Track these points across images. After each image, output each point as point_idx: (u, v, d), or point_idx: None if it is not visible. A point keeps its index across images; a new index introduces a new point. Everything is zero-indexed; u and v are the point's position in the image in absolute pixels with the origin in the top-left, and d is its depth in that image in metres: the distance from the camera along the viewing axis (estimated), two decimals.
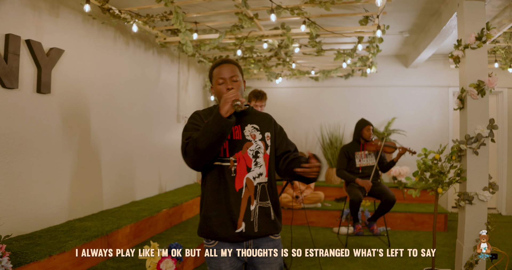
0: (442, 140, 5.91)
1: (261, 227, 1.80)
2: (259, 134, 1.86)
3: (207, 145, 1.63)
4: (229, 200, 1.76)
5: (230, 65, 1.85)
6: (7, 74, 2.75)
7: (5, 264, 2.10)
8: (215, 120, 1.62)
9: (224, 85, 1.81)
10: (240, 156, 1.80)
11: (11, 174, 2.82)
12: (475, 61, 3.15)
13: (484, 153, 3.12)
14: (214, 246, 1.82)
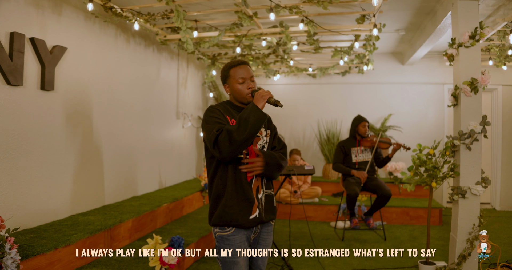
0: (437, 136, 6.01)
1: (267, 213, 2.02)
2: (264, 131, 2.07)
3: (245, 136, 1.79)
4: (243, 190, 1.92)
5: (247, 66, 2.04)
6: (12, 72, 2.81)
7: (14, 256, 2.17)
8: (254, 114, 1.80)
9: (245, 84, 1.99)
10: (251, 149, 1.97)
11: (16, 169, 2.89)
12: (468, 59, 3.23)
13: (477, 148, 3.21)
14: (230, 233, 1.93)
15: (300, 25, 3.67)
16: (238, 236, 1.94)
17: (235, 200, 1.92)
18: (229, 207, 1.92)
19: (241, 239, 1.95)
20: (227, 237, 1.94)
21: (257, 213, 1.96)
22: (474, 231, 3.14)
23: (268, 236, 2.08)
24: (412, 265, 3.54)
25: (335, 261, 3.68)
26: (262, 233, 2.05)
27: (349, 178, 4.42)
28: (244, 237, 1.96)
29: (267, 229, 2.07)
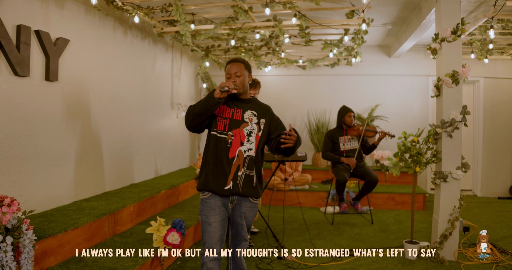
0: (422, 125, 6.26)
1: (244, 188, 2.35)
2: (256, 118, 2.41)
3: (197, 111, 2.25)
4: (223, 164, 2.32)
5: (237, 63, 2.43)
6: (20, 63, 2.92)
7: (31, 237, 2.31)
8: (207, 96, 2.25)
9: (230, 79, 2.39)
10: (237, 132, 2.35)
11: (24, 157, 3.02)
12: (450, 53, 3.46)
13: (457, 136, 3.46)
14: (207, 196, 2.37)
15: (293, 19, 3.84)
16: (213, 200, 2.35)
17: (213, 171, 2.34)
18: (208, 176, 2.35)
19: (216, 203, 2.35)
20: (205, 200, 2.37)
21: (231, 185, 2.31)
22: (454, 213, 3.40)
23: (246, 209, 2.39)
24: (398, 245, 3.79)
25: (326, 242, 3.92)
26: (241, 206, 2.38)
27: (338, 165, 4.65)
28: (219, 202, 2.35)
29: (246, 204, 2.39)
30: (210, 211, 2.34)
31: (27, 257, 2.26)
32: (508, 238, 3.98)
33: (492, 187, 6.34)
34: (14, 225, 2.27)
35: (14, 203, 2.29)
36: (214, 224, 2.34)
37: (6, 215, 2.23)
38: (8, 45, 2.81)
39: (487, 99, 6.34)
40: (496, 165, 6.34)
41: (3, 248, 2.14)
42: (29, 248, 2.28)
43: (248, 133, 2.36)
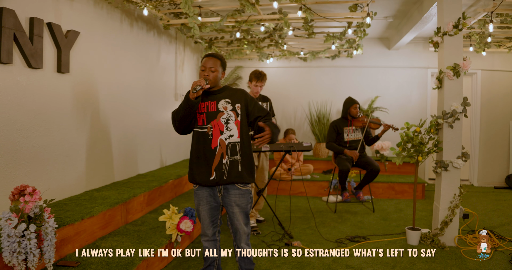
0: (420, 117, 6.39)
1: (229, 176, 2.42)
2: (230, 105, 2.46)
3: (180, 116, 2.39)
4: (206, 156, 2.43)
5: (214, 58, 2.47)
6: (33, 55, 2.97)
7: (52, 224, 2.39)
8: (184, 100, 2.36)
9: (204, 72, 2.43)
10: (215, 123, 2.44)
11: (38, 147, 3.09)
12: (452, 47, 3.56)
13: (458, 126, 3.57)
14: (197, 188, 2.53)
15: (299, 12, 3.91)
16: (201, 192, 2.51)
17: (196, 165, 2.47)
18: (192, 169, 2.50)
19: (203, 194, 2.50)
20: (195, 191, 2.55)
21: (214, 176, 2.41)
22: (455, 200, 3.53)
23: (236, 197, 2.47)
24: (400, 232, 3.93)
25: (330, 229, 4.04)
26: (229, 194, 2.47)
27: (341, 155, 4.76)
28: (206, 193, 2.49)
29: (234, 192, 2.47)
30: (199, 202, 2.53)
31: (50, 244, 2.33)
32: (505, 225, 4.13)
33: (488, 177, 6.50)
34: (36, 213, 2.34)
35: (36, 192, 2.36)
36: (204, 212, 2.55)
37: (29, 203, 2.31)
38: (22, 37, 2.86)
39: (484, 91, 6.47)
40: (492, 156, 6.50)
41: (27, 236, 2.22)
42: (51, 235, 2.35)
43: (225, 121, 2.44)
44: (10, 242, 2.18)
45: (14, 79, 2.85)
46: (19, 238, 2.20)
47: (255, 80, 4.05)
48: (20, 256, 2.20)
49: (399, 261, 3.18)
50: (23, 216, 2.28)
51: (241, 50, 6.11)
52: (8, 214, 2.25)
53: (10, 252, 2.18)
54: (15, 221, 2.22)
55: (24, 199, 2.30)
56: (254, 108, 2.49)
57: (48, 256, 2.32)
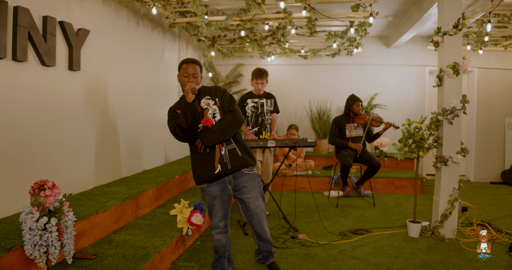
0: (418, 113, 6.56)
1: (233, 163, 2.55)
2: (211, 101, 2.62)
3: (188, 124, 2.45)
4: (205, 153, 2.56)
5: (194, 65, 2.62)
6: (47, 53, 3.04)
7: (71, 218, 2.47)
8: (185, 106, 2.43)
9: (187, 78, 2.57)
10: (205, 121, 2.58)
11: (51, 144, 3.17)
12: (451, 46, 3.67)
13: (457, 123, 3.69)
14: (205, 186, 2.63)
15: (303, 12, 4.01)
16: (211, 188, 2.61)
17: (199, 165, 2.58)
18: (196, 170, 2.61)
19: (214, 189, 2.61)
20: (204, 189, 2.65)
21: (219, 168, 2.53)
22: (454, 194, 3.66)
23: (247, 183, 2.61)
24: (400, 225, 4.06)
25: (334, 223, 4.16)
26: (239, 182, 2.60)
27: (343, 151, 4.88)
28: (217, 187, 2.60)
29: (243, 178, 2.61)
30: (212, 198, 2.63)
31: (69, 237, 2.42)
32: (501, 218, 4.27)
33: (484, 172, 6.67)
34: (56, 207, 2.43)
35: (56, 187, 2.44)
36: (217, 206, 2.65)
37: (50, 198, 2.39)
38: (36, 35, 2.93)
39: (481, 88, 6.61)
40: (488, 152, 6.66)
41: (49, 228, 2.30)
42: (71, 228, 2.44)
43: (212, 116, 2.58)
44: (32, 235, 2.26)
45: (29, 76, 2.92)
46: (40, 231, 2.28)
47: (255, 77, 4.16)
48: (41, 248, 2.27)
49: (401, 252, 3.31)
50: (44, 210, 2.36)
51: (242, 48, 6.20)
52: (28, 208, 2.32)
53: (32, 245, 2.25)
54: (36, 215, 2.29)
55: (45, 194, 2.38)
56: (225, 102, 2.64)
57: (68, 248, 2.41)
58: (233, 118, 2.55)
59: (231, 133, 2.54)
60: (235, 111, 2.59)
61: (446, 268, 2.94)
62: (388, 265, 3.03)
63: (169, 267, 3.03)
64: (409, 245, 3.48)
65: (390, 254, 3.26)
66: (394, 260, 3.12)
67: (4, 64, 2.69)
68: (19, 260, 2.26)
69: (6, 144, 2.71)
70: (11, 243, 2.22)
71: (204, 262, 3.09)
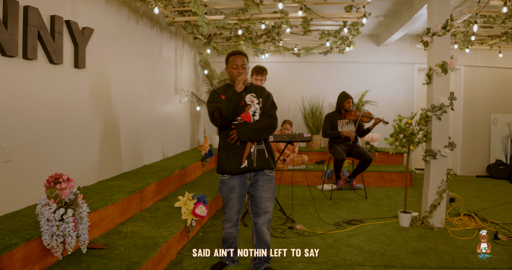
0: (408, 110, 6.80)
1: (258, 163, 2.67)
2: (256, 99, 2.73)
3: (228, 111, 2.53)
4: (236, 146, 2.65)
5: (242, 56, 2.72)
6: (55, 51, 3.14)
7: (86, 209, 2.59)
8: (233, 94, 2.53)
9: (236, 70, 2.68)
10: (244, 115, 2.67)
11: (58, 139, 3.27)
12: (440, 46, 3.88)
13: (445, 119, 3.91)
14: (227, 178, 2.72)
15: (299, 12, 4.17)
16: (232, 181, 2.70)
17: (226, 155, 2.67)
18: (222, 159, 2.69)
19: (234, 183, 2.70)
20: (224, 181, 2.73)
21: (246, 164, 2.63)
22: (442, 185, 3.88)
23: (265, 183, 2.73)
24: (392, 216, 4.27)
25: (328, 214, 4.36)
26: (258, 180, 2.72)
27: (336, 145, 5.07)
28: (237, 181, 2.69)
29: (263, 178, 2.72)
30: (230, 190, 2.71)
31: (84, 227, 2.55)
32: (487, 209, 4.52)
33: (470, 166, 6.95)
34: (71, 199, 2.55)
35: (71, 180, 2.57)
36: (234, 200, 2.73)
37: (66, 190, 2.51)
38: (45, 34, 3.03)
39: (467, 85, 6.88)
40: (474, 147, 6.94)
41: (66, 219, 2.42)
42: (85, 219, 2.57)
43: (252, 114, 2.68)
44: (50, 226, 2.38)
45: (38, 74, 3.02)
46: (57, 222, 2.40)
47: (255, 74, 4.30)
48: (58, 238, 2.40)
49: (393, 240, 3.51)
50: (61, 202, 2.48)
51: (237, 46, 6.33)
52: (45, 201, 2.44)
53: (49, 235, 2.37)
54: (53, 207, 2.41)
55: (61, 186, 2.50)
56: (267, 104, 2.76)
57: (83, 238, 2.54)
58: (272, 122, 2.67)
59: (265, 136, 2.67)
60: (274, 116, 2.72)
61: (435, 254, 3.16)
62: (382, 252, 3.23)
63: (175, 256, 3.18)
64: (401, 234, 3.69)
65: (383, 242, 3.46)
66: (387, 248, 3.33)
67: (16, 62, 2.79)
68: (37, 250, 2.38)
69: (18, 140, 2.82)
70: (29, 234, 2.33)
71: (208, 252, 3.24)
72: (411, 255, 3.15)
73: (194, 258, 3.12)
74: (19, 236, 2.28)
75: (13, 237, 2.27)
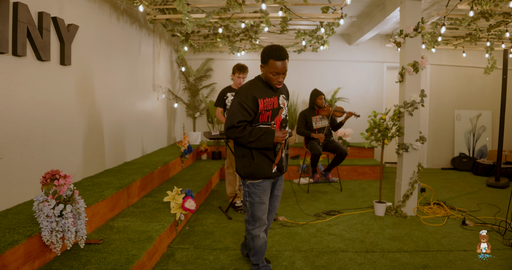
0: (377, 106, 7.14)
1: (286, 168, 2.67)
2: (286, 101, 2.62)
3: (253, 146, 2.44)
4: (269, 152, 2.52)
5: (286, 61, 2.42)
6: (43, 48, 3.13)
7: (82, 205, 2.63)
8: (265, 143, 2.41)
9: (276, 77, 2.44)
10: (277, 120, 2.52)
11: (46, 136, 3.27)
12: (412, 47, 4.15)
13: (416, 114, 4.20)
14: (259, 182, 2.58)
15: (280, 12, 4.32)
16: (264, 184, 2.59)
17: (262, 160, 2.53)
18: (258, 164, 2.53)
19: (267, 186, 2.61)
20: (258, 184, 2.57)
21: (275, 168, 2.57)
22: (414, 176, 4.18)
23: (281, 181, 2.80)
24: (367, 206, 4.54)
25: (307, 206, 4.57)
26: (278, 181, 2.75)
27: (312, 141, 5.29)
28: (268, 184, 2.61)
29: (281, 178, 2.78)
30: (264, 192, 2.59)
31: (82, 222, 2.59)
32: (453, 198, 4.89)
33: (436, 159, 7.41)
34: (68, 195, 2.59)
35: (68, 176, 2.60)
36: (267, 202, 2.64)
37: (64, 186, 2.55)
38: (34, 31, 3.01)
39: (433, 83, 7.31)
40: (439, 141, 7.40)
41: (65, 215, 2.46)
42: (83, 214, 2.61)
43: (284, 117, 2.56)
44: (49, 222, 2.41)
45: (26, 71, 3.00)
46: (57, 218, 2.44)
47: (238, 72, 4.42)
48: (58, 234, 2.44)
49: (371, 228, 3.76)
50: (59, 198, 2.52)
51: (214, 44, 6.41)
52: (42, 197, 2.47)
53: (49, 231, 2.41)
54: (52, 203, 2.44)
55: (59, 183, 2.54)
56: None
57: (81, 233, 2.59)
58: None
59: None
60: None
61: (411, 240, 3.43)
62: (362, 239, 3.47)
63: (166, 249, 3.27)
64: (377, 222, 3.95)
65: (361, 230, 3.70)
66: (366, 235, 3.57)
67: (5, 59, 2.78)
68: (37, 246, 2.40)
69: (8, 137, 2.81)
70: (29, 230, 2.35)
71: (198, 244, 3.36)
72: (388, 241, 3.40)
73: (186, 251, 3.22)
74: (19, 233, 2.30)
75: (14, 234, 2.29)
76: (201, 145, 6.79)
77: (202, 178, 5.07)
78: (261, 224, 2.64)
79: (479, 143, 7.30)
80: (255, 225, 2.65)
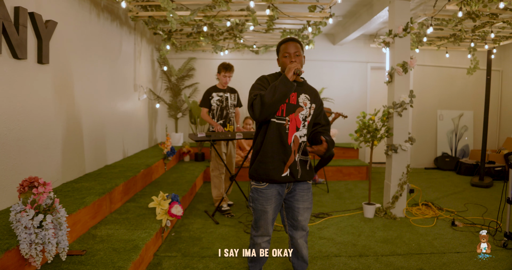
0: (362, 106, 7.13)
1: (303, 174, 2.32)
2: (309, 103, 2.32)
3: (272, 100, 2.09)
4: (281, 151, 2.24)
5: (295, 43, 2.30)
6: (19, 46, 2.92)
7: (64, 214, 2.45)
8: (282, 81, 2.10)
9: (288, 58, 2.27)
10: (293, 118, 2.26)
11: (22, 140, 3.06)
12: (401, 47, 4.13)
13: (405, 115, 4.18)
14: (264, 187, 2.30)
15: (267, 11, 4.22)
16: (270, 190, 2.29)
17: (270, 159, 2.24)
18: (267, 164, 2.24)
19: (272, 193, 2.30)
20: (261, 190, 2.31)
21: (288, 172, 2.26)
22: (403, 178, 4.15)
23: (304, 192, 2.36)
24: (355, 208, 4.49)
25: None
26: (298, 190, 2.34)
27: None
28: (275, 191, 2.30)
29: (302, 187, 2.35)
30: (267, 201, 2.31)
31: (64, 233, 2.41)
32: (440, 199, 4.91)
33: (419, 159, 7.47)
34: (47, 204, 2.41)
35: (48, 183, 2.42)
36: (270, 211, 2.33)
37: (43, 195, 2.37)
38: (10, 27, 2.80)
39: (416, 83, 7.37)
40: (423, 141, 7.46)
41: (45, 226, 2.28)
42: (65, 225, 2.44)
43: (303, 118, 2.28)
44: (28, 234, 2.22)
45: (1, 70, 2.79)
46: (36, 229, 2.25)
47: (224, 70, 4.29)
48: (38, 247, 2.25)
49: (362, 231, 3.71)
50: (38, 208, 2.33)
51: (197, 42, 6.26)
52: (20, 207, 2.28)
53: (28, 243, 2.22)
54: (31, 213, 2.26)
55: (38, 191, 2.35)
56: (320, 114, 2.39)
57: (63, 245, 2.39)
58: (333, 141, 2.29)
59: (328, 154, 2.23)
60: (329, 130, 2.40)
61: (403, 242, 3.39)
62: (354, 242, 3.40)
63: (152, 258, 3.12)
64: (367, 224, 3.90)
65: (353, 233, 3.64)
66: (357, 238, 3.51)
67: None
68: (14, 260, 2.22)
69: None
70: (6, 243, 2.17)
71: (185, 251, 3.22)
72: (381, 244, 3.35)
73: (173, 259, 3.08)
74: None
75: None
76: (184, 147, 6.62)
77: (186, 181, 4.92)
78: (263, 233, 2.43)
79: (461, 142, 7.40)
80: (258, 233, 2.44)
